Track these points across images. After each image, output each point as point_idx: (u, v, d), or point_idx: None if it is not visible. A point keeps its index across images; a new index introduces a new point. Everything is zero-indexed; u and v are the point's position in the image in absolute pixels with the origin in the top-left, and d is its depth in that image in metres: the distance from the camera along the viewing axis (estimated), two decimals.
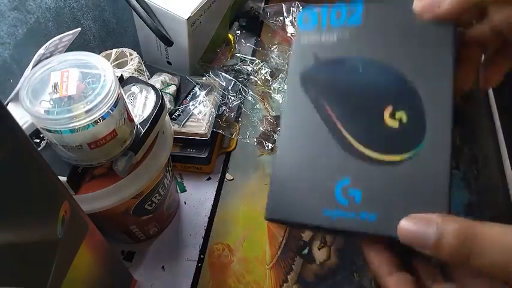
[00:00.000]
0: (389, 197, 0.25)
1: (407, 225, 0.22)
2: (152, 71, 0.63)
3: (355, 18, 0.29)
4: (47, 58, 0.39)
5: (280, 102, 0.66)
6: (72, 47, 0.43)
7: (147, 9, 0.58)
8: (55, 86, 0.34)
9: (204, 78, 0.64)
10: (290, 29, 0.74)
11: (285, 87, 0.29)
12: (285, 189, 0.27)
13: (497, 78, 0.29)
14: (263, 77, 0.69)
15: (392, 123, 0.26)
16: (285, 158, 0.28)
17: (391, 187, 0.25)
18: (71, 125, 0.33)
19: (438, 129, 0.25)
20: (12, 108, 0.38)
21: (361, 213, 0.25)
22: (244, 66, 0.70)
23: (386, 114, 0.26)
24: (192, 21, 0.58)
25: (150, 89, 0.44)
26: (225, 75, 0.65)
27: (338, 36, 0.29)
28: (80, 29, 0.42)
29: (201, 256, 0.54)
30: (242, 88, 0.66)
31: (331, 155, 0.27)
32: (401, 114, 0.26)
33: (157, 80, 0.60)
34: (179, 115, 0.58)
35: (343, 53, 0.29)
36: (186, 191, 0.60)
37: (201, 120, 0.58)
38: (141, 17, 0.56)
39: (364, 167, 0.26)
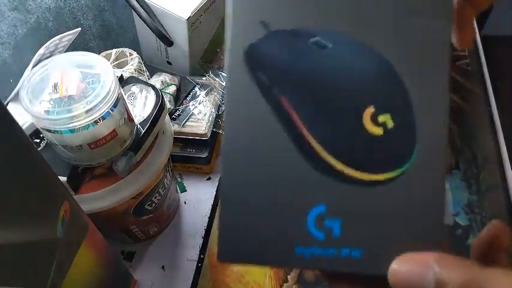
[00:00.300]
0: (375, 227, 0.20)
1: (399, 269, 0.19)
2: (152, 71, 0.63)
3: None
4: (47, 58, 0.39)
5: None
6: (72, 47, 0.43)
7: (147, 9, 0.58)
8: (55, 86, 0.34)
9: (204, 78, 0.64)
10: None
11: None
12: (240, 220, 0.21)
13: (471, 34, 0.25)
14: None
15: (375, 130, 0.20)
16: (236, 178, 0.21)
17: (377, 214, 0.20)
18: (71, 125, 0.33)
19: (431, 139, 0.20)
20: (12, 108, 0.38)
21: (342, 249, 0.20)
22: None
23: (367, 117, 0.20)
24: (192, 21, 0.58)
25: (150, 89, 0.44)
26: (225, 75, 0.65)
27: None
28: (79, 29, 0.42)
29: (201, 256, 0.53)
30: None
31: (297, 174, 0.20)
32: (386, 118, 0.20)
33: (157, 80, 0.60)
34: (179, 115, 0.58)
35: (305, 22, 0.21)
36: (186, 191, 0.60)
37: (201, 120, 0.58)
38: (141, 17, 0.56)
39: (342, 190, 0.20)
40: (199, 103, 0.60)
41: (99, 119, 0.34)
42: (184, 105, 0.60)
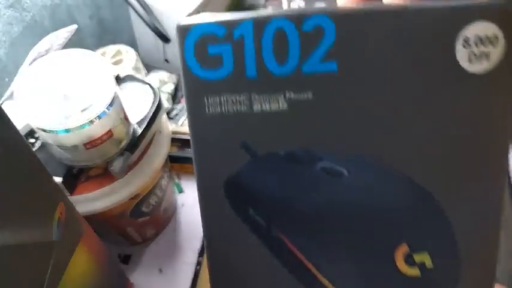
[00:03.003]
0: None
1: None
2: (149, 69, 0.63)
3: (322, 51, 0.14)
4: (42, 56, 0.38)
5: None
6: (69, 44, 0.42)
7: (144, 5, 0.58)
8: (51, 85, 0.34)
9: None
10: None
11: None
12: None
13: None
14: None
15: (412, 272, 0.16)
16: None
17: None
18: (66, 125, 0.32)
19: (476, 278, 0.16)
20: (7, 107, 0.37)
21: None
22: None
23: (400, 257, 0.16)
24: None
25: (147, 87, 0.44)
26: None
27: (289, 100, 0.15)
28: (76, 26, 0.42)
29: (199, 259, 0.53)
30: None
31: None
32: (424, 257, 0.16)
33: (154, 78, 0.59)
34: (177, 114, 0.58)
35: (303, 142, 0.15)
36: (184, 192, 0.60)
37: None
38: (138, 14, 0.55)
39: None
40: None
41: (94, 118, 0.33)
42: (182, 104, 0.59)
